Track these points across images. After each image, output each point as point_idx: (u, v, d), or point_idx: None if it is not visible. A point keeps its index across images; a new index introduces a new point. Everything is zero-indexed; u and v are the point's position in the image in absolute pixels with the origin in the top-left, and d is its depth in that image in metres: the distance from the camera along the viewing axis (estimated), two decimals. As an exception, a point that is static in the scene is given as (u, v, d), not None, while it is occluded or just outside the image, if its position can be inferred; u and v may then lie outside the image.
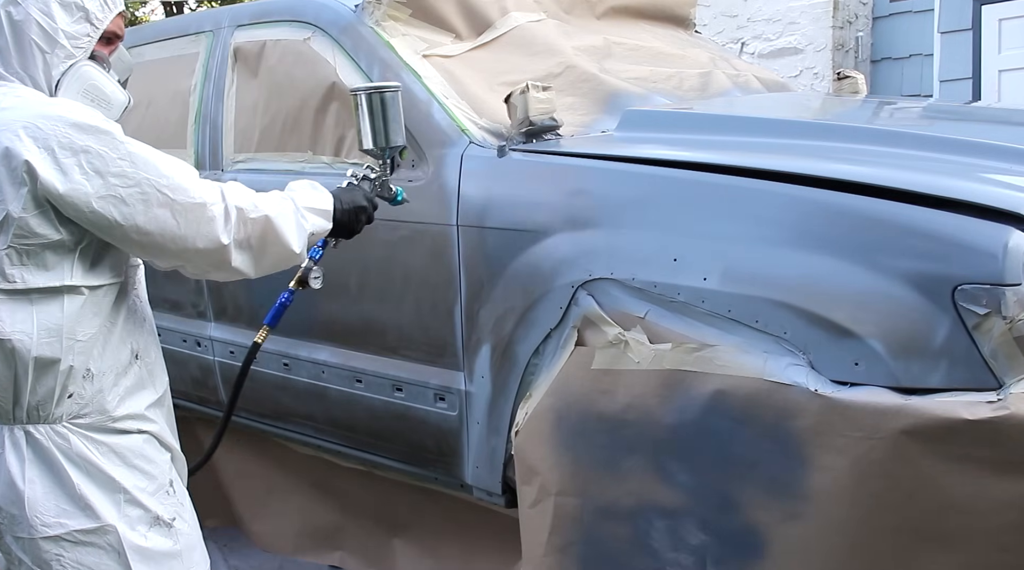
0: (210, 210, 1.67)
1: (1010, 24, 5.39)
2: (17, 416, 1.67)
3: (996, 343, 1.65)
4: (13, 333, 1.62)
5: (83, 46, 1.72)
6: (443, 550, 2.82)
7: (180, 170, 1.68)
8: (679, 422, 1.90)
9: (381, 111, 2.06)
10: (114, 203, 1.60)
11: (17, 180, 1.57)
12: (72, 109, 1.62)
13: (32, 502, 1.66)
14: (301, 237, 1.80)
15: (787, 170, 1.94)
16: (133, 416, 1.76)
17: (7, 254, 1.60)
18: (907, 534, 1.70)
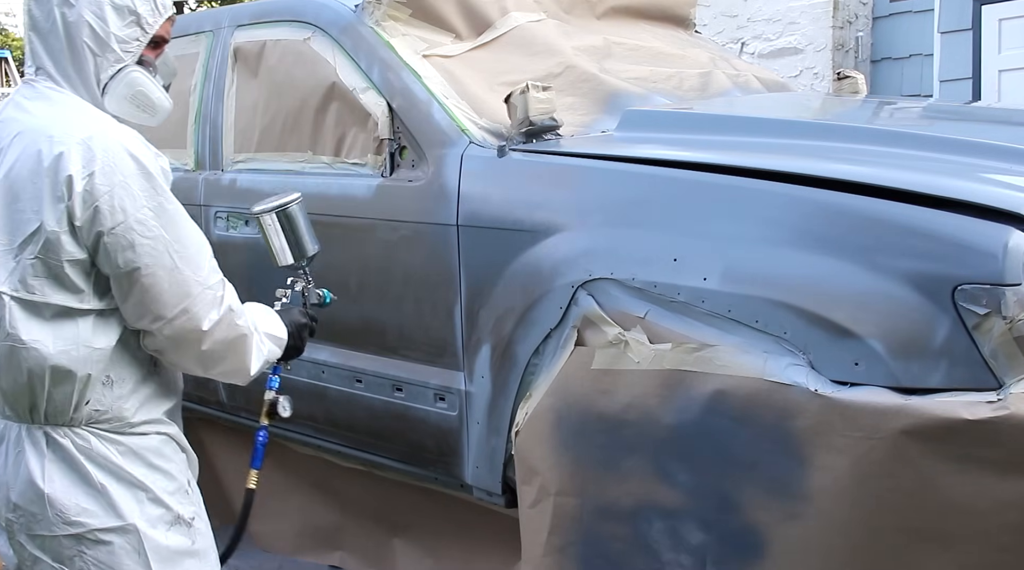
0: (206, 294, 1.67)
1: (1010, 24, 5.39)
2: (35, 419, 1.67)
3: (996, 343, 1.64)
4: (30, 341, 1.61)
5: (132, 50, 1.72)
6: (443, 550, 2.82)
7: (198, 244, 1.69)
8: (679, 422, 1.90)
9: (289, 226, 2.10)
10: (123, 246, 1.60)
11: (58, 194, 1.57)
12: (132, 142, 1.64)
13: (53, 500, 1.66)
14: (259, 361, 1.81)
15: (787, 170, 1.94)
16: (151, 421, 1.76)
17: (32, 264, 1.60)
18: (907, 534, 1.69)
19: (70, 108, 1.66)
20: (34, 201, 1.59)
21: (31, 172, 1.60)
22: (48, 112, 1.66)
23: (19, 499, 1.68)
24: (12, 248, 1.61)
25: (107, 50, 1.69)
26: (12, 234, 1.61)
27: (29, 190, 1.60)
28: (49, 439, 1.67)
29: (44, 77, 1.71)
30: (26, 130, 1.64)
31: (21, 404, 1.66)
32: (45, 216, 1.58)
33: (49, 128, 1.62)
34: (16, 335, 1.61)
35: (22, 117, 1.67)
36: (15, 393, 1.66)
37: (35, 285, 1.61)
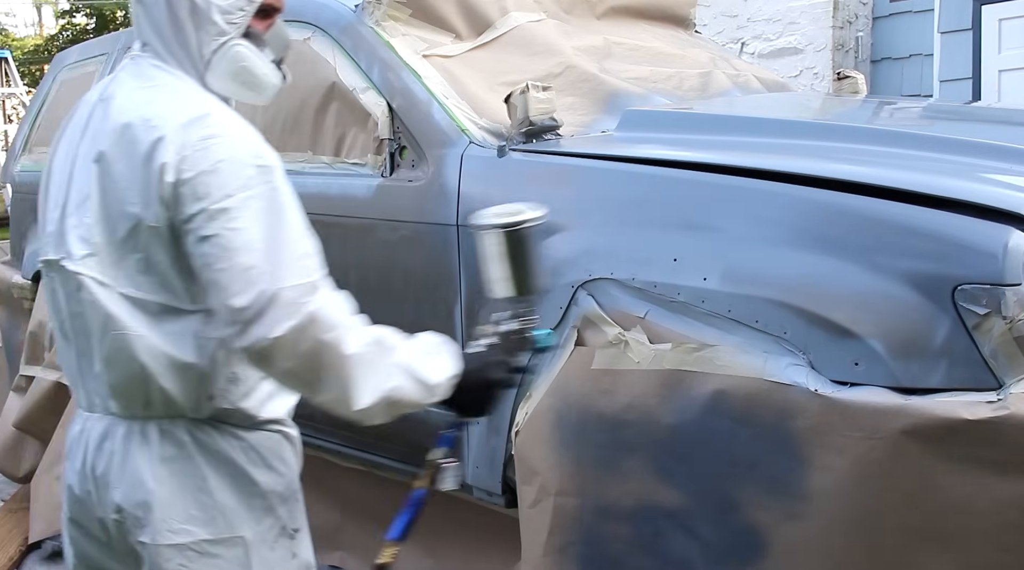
0: (284, 292, 1.38)
1: (1010, 24, 5.39)
2: (150, 414, 1.52)
3: (996, 343, 1.65)
4: (138, 332, 1.48)
5: (237, 22, 1.56)
6: (443, 550, 2.82)
7: (291, 241, 1.43)
8: (679, 422, 1.90)
9: (521, 251, 1.60)
10: (203, 235, 1.41)
11: (153, 184, 1.43)
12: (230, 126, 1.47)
13: (161, 504, 1.51)
14: (374, 394, 1.45)
15: (787, 170, 1.94)
16: (276, 420, 1.62)
17: (137, 261, 1.47)
18: (907, 534, 1.69)
19: (169, 89, 1.51)
20: (132, 191, 1.45)
21: (128, 159, 1.46)
22: (147, 94, 1.51)
23: (124, 501, 1.52)
24: (114, 242, 1.48)
25: (208, 22, 1.53)
26: (112, 227, 1.48)
27: (126, 179, 1.46)
28: (164, 434, 1.52)
29: (150, 54, 1.57)
30: (124, 113, 1.50)
31: (134, 399, 1.51)
32: (144, 210, 1.44)
33: (146, 111, 1.47)
34: (126, 325, 1.47)
35: (121, 98, 1.53)
36: (127, 387, 1.51)
37: (143, 282, 1.48)
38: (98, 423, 1.58)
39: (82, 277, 1.49)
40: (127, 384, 1.51)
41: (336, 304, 1.46)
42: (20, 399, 3.86)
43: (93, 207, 1.49)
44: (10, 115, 19.00)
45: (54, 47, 21.57)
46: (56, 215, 1.56)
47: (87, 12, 23.88)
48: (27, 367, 3.87)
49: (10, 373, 4.25)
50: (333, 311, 1.44)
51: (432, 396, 1.52)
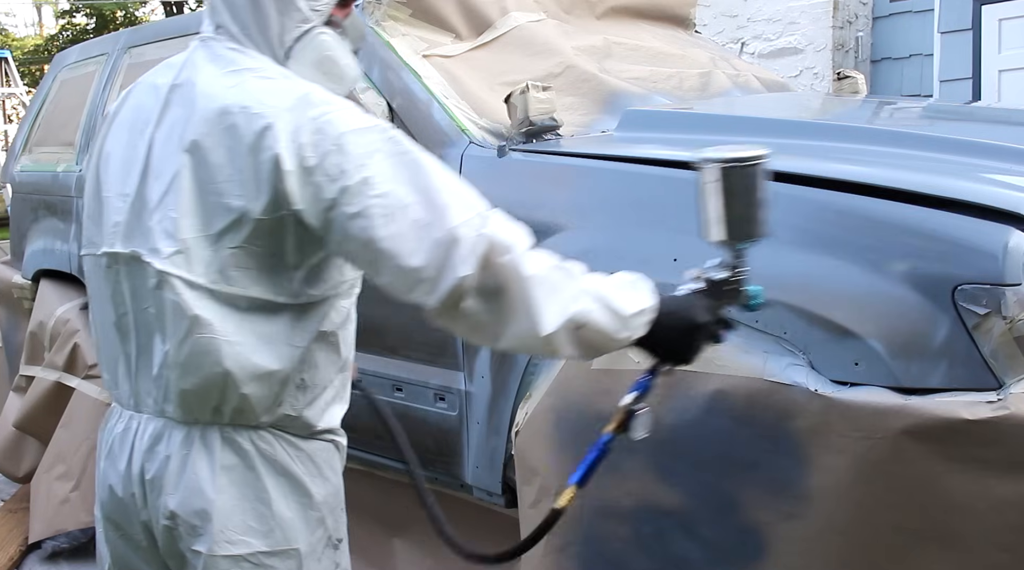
0: (457, 231, 1.33)
1: (1010, 24, 5.39)
2: (216, 420, 1.48)
3: (996, 343, 1.65)
4: (230, 336, 1.43)
5: (320, 9, 1.52)
6: (443, 550, 2.82)
7: (437, 182, 1.38)
8: (679, 422, 1.90)
9: (744, 191, 1.46)
10: (351, 213, 1.35)
11: (262, 175, 1.37)
12: (332, 101, 1.41)
13: (220, 514, 1.46)
14: (557, 319, 1.35)
15: (787, 170, 1.94)
16: (331, 429, 1.60)
17: (234, 254, 1.40)
18: (907, 534, 1.69)
19: (258, 73, 1.45)
20: (234, 184, 1.39)
21: (228, 150, 1.39)
22: (235, 79, 1.44)
23: (180, 507, 1.48)
24: (208, 236, 1.41)
25: (292, 8, 1.49)
26: (207, 220, 1.41)
27: (226, 171, 1.39)
28: (226, 441, 1.48)
29: (225, 36, 1.51)
30: (214, 99, 1.42)
31: (204, 405, 1.46)
32: (250, 202, 1.38)
33: (242, 98, 1.40)
34: (216, 329, 1.42)
35: (205, 83, 1.46)
36: (202, 393, 1.45)
37: (236, 276, 1.41)
38: (148, 424, 1.52)
39: (168, 276, 1.42)
40: (203, 389, 1.45)
41: (510, 229, 1.39)
42: (20, 399, 3.86)
43: (184, 200, 1.41)
44: (10, 115, 18.99)
45: (54, 47, 21.58)
46: (122, 205, 1.49)
47: (87, 12, 23.89)
48: (27, 367, 3.87)
49: (10, 373, 4.25)
50: (508, 235, 1.37)
51: (625, 329, 1.40)
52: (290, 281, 1.45)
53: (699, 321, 1.47)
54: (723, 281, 1.50)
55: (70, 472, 3.43)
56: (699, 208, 1.50)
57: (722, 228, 1.48)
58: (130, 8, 23.66)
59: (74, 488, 3.41)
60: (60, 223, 3.84)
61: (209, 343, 1.43)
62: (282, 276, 1.44)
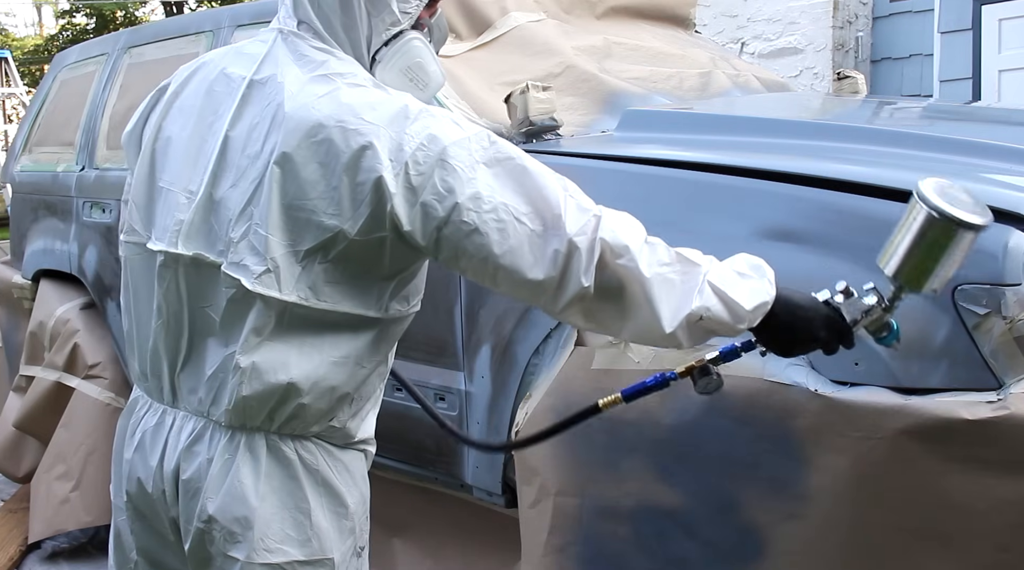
0: (573, 242, 1.31)
1: (1010, 24, 5.39)
2: (264, 427, 1.44)
3: (996, 343, 1.65)
4: (301, 347, 1.39)
5: (411, 11, 1.46)
6: (443, 550, 2.82)
7: (546, 189, 1.35)
8: (679, 422, 1.90)
9: (942, 247, 1.37)
10: (466, 231, 1.31)
11: (361, 196, 1.31)
12: (431, 114, 1.35)
13: (261, 522, 1.43)
14: (678, 316, 1.34)
15: (787, 170, 1.94)
16: (367, 440, 1.59)
17: (324, 270, 1.36)
18: (907, 534, 1.69)
19: (350, 84, 1.37)
20: (328, 202, 1.33)
21: (322, 167, 1.32)
22: (327, 88, 1.36)
23: (220, 513, 1.44)
24: (296, 251, 1.36)
25: (384, 9, 1.43)
26: (295, 236, 1.35)
27: (320, 188, 1.33)
28: (272, 449, 1.44)
29: (309, 33, 1.44)
30: (307, 109, 1.35)
31: (259, 411, 1.42)
32: (346, 222, 1.33)
33: (337, 112, 1.33)
34: (291, 340, 1.39)
35: (293, 86, 1.38)
36: (261, 399, 1.41)
37: (327, 292, 1.37)
38: (186, 422, 1.48)
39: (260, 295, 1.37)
40: (263, 396, 1.41)
41: (625, 226, 1.36)
42: (20, 399, 3.86)
43: (273, 216, 1.35)
44: (10, 115, 19.00)
45: (54, 47, 21.58)
46: (186, 202, 1.43)
47: (87, 12, 23.89)
48: (27, 367, 3.87)
49: (10, 373, 4.25)
50: (623, 234, 1.34)
51: (741, 322, 1.38)
52: (380, 296, 1.42)
53: (816, 334, 1.43)
54: (873, 310, 1.44)
55: (70, 472, 3.43)
56: (893, 233, 1.43)
57: (898, 264, 1.41)
58: (130, 8, 23.66)
59: (74, 488, 3.41)
60: (60, 223, 3.84)
61: (283, 352, 1.39)
62: (372, 290, 1.41)
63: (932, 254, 1.38)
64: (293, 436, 1.46)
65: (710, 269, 1.38)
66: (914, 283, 1.41)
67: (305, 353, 1.40)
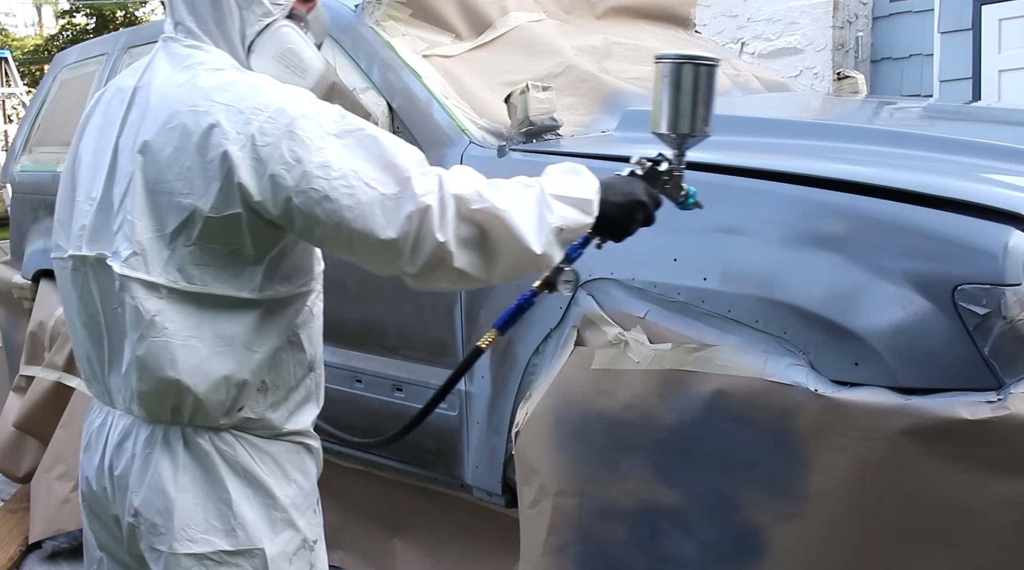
0: (423, 201, 1.37)
1: (1010, 24, 5.39)
2: (176, 420, 1.49)
3: (996, 343, 1.64)
4: (181, 339, 1.43)
5: (282, 3, 1.54)
6: (443, 550, 2.82)
7: (396, 156, 1.40)
8: (679, 422, 1.90)
9: (691, 88, 1.63)
10: (317, 199, 1.35)
11: (211, 173, 1.37)
12: (280, 90, 1.41)
13: (182, 513, 1.48)
14: (543, 233, 1.44)
15: (787, 170, 1.94)
16: (300, 432, 1.61)
17: (191, 252, 1.41)
18: (907, 534, 1.69)
19: (209, 71, 1.45)
20: (183, 182, 1.39)
21: (176, 150, 1.39)
22: (185, 75, 1.45)
23: (142, 506, 1.50)
24: (164, 234, 1.41)
25: (254, 3, 1.51)
26: (161, 219, 1.42)
27: (176, 170, 1.39)
28: (188, 442, 1.49)
29: (183, 33, 1.51)
30: (164, 100, 1.43)
31: (162, 406, 1.47)
32: (199, 200, 1.38)
33: (190, 98, 1.41)
34: (170, 333, 1.43)
35: (160, 84, 1.47)
36: (157, 395, 1.46)
37: (196, 274, 1.42)
38: (120, 421, 1.55)
39: (128, 279, 1.43)
40: (158, 391, 1.47)
41: (466, 177, 1.44)
42: (20, 399, 3.86)
43: (138, 201, 1.42)
44: (10, 115, 19.00)
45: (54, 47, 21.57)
46: (88, 208, 1.50)
47: (87, 12, 23.88)
48: (27, 367, 3.87)
49: (10, 373, 4.25)
50: (468, 184, 1.42)
51: (591, 210, 1.50)
52: (253, 276, 1.46)
53: (640, 198, 1.60)
54: (662, 171, 1.66)
55: (70, 472, 3.43)
56: (652, 103, 1.67)
57: (668, 120, 1.65)
58: (130, 8, 23.65)
59: (74, 488, 3.41)
60: (60, 223, 3.84)
61: (163, 347, 1.44)
62: (244, 272, 1.45)
63: (688, 96, 1.63)
64: (208, 428, 1.50)
65: (543, 184, 1.48)
66: (686, 126, 1.64)
67: (189, 346, 1.44)
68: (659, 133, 1.69)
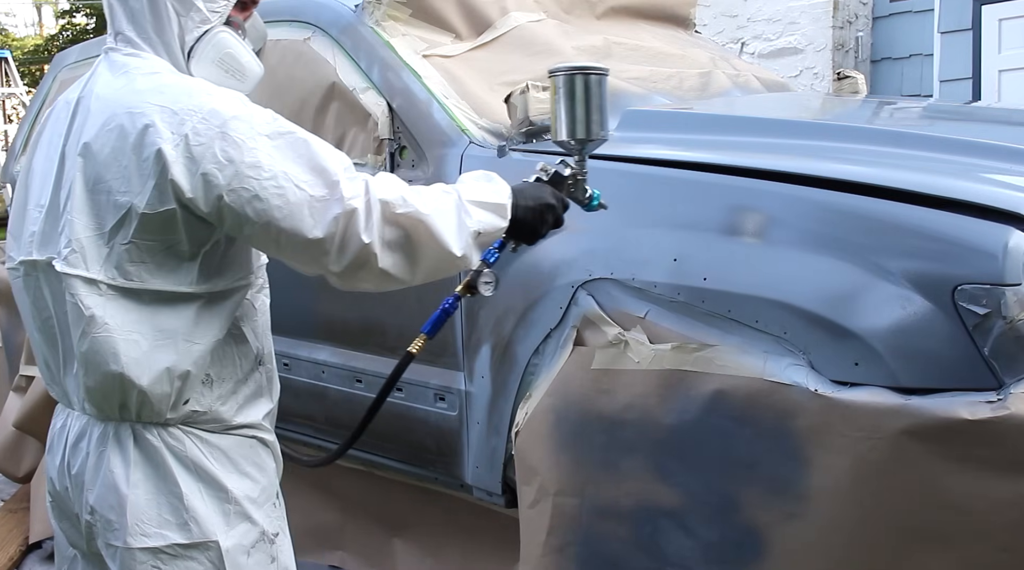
0: (349, 204, 1.45)
1: (1010, 24, 5.39)
2: (124, 417, 1.53)
3: (996, 343, 1.64)
4: (126, 334, 1.47)
5: (219, 10, 1.59)
6: (443, 550, 2.82)
7: (324, 160, 1.47)
8: (679, 422, 1.90)
9: (584, 97, 1.80)
10: (247, 198, 1.42)
11: (146, 171, 1.42)
12: (214, 92, 1.48)
13: (134, 508, 1.52)
14: (462, 237, 1.54)
15: (787, 170, 1.94)
16: (250, 425, 1.64)
17: (127, 250, 1.46)
18: (907, 534, 1.69)
19: (145, 75, 1.51)
20: (120, 181, 1.44)
21: (114, 150, 1.45)
22: (122, 80, 1.51)
23: (97, 503, 1.55)
24: (102, 233, 1.47)
25: (192, 10, 1.56)
26: (100, 218, 1.47)
27: (113, 170, 1.45)
28: (138, 438, 1.53)
29: (123, 43, 1.57)
30: (103, 104, 1.50)
31: (109, 402, 1.52)
32: (135, 197, 1.43)
33: (126, 100, 1.47)
34: (111, 328, 1.47)
35: (100, 90, 1.53)
36: (104, 391, 1.51)
37: (133, 271, 1.47)
38: (76, 421, 1.60)
39: (68, 277, 1.48)
40: (104, 387, 1.51)
41: (390, 183, 1.52)
42: (20, 399, 3.86)
43: (77, 201, 1.48)
44: (10, 115, 19.01)
45: (54, 47, 21.58)
46: (38, 215, 1.55)
47: (87, 12, 23.88)
48: (27, 367, 3.87)
49: (10, 373, 4.25)
50: (393, 189, 1.51)
51: (506, 214, 1.62)
52: (189, 271, 1.50)
53: (549, 202, 1.72)
54: (566, 176, 1.80)
55: (70, 472, 3.43)
56: (551, 114, 1.84)
57: (566, 128, 1.81)
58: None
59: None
60: (60, 223, 3.84)
61: (105, 341, 1.48)
62: (180, 267, 1.50)
63: (582, 104, 1.80)
64: (157, 424, 1.54)
65: (460, 191, 1.59)
66: (583, 132, 1.81)
67: (131, 340, 1.48)
68: (560, 141, 1.83)
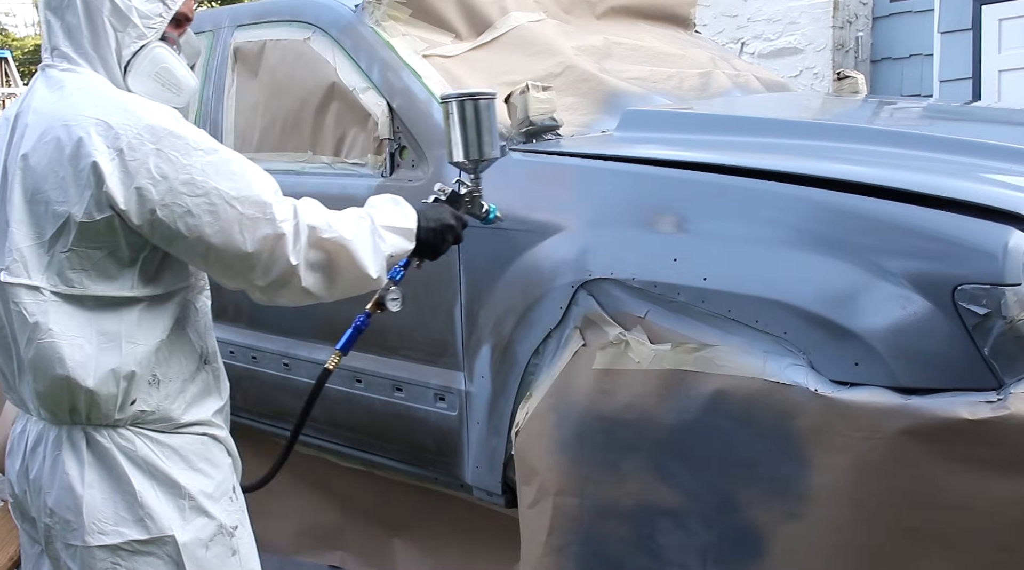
0: (280, 227, 1.54)
1: (1010, 24, 5.39)
2: (75, 420, 1.58)
3: (996, 343, 1.65)
4: (70, 339, 1.52)
5: (155, 26, 1.63)
6: (443, 550, 2.82)
7: (255, 181, 1.55)
8: (679, 422, 1.90)
9: (474, 120, 1.94)
10: (179, 213, 1.49)
11: (82, 182, 1.47)
12: (149, 108, 1.53)
13: (91, 508, 1.57)
14: (378, 260, 1.68)
15: (787, 170, 1.94)
16: (200, 422, 1.68)
17: (68, 258, 1.51)
18: (907, 534, 1.69)
19: (81, 89, 1.55)
20: (58, 191, 1.49)
21: (51, 161, 1.50)
22: (59, 96, 1.56)
23: (55, 505, 1.59)
24: (43, 242, 1.52)
25: (129, 25, 1.59)
26: (39, 228, 1.52)
27: (51, 181, 1.50)
28: (90, 440, 1.58)
29: (59, 58, 1.61)
30: (40, 118, 1.54)
31: (60, 406, 1.56)
32: (73, 207, 1.48)
33: (63, 113, 1.51)
34: (55, 333, 1.52)
35: (37, 104, 1.57)
36: (53, 395, 1.56)
37: (74, 278, 1.52)
38: (34, 427, 1.64)
39: (11, 286, 1.53)
40: (52, 391, 1.55)
41: (315, 209, 1.63)
42: (20, 399, 3.85)
43: (16, 211, 1.53)
44: (10, 115, 18.97)
45: (54, 47, 21.52)
46: None
47: (87, 12, 23.83)
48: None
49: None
50: (318, 216, 1.62)
51: (413, 238, 1.77)
52: (130, 276, 1.56)
53: (449, 222, 1.88)
54: (466, 194, 1.97)
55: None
56: (444, 138, 1.98)
57: (461, 149, 1.95)
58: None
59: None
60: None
61: (50, 347, 1.53)
62: (120, 273, 1.55)
63: (473, 126, 1.94)
64: (107, 426, 1.58)
65: (374, 216, 1.71)
66: (476, 153, 1.95)
67: (75, 344, 1.53)
68: (455, 162, 1.98)
